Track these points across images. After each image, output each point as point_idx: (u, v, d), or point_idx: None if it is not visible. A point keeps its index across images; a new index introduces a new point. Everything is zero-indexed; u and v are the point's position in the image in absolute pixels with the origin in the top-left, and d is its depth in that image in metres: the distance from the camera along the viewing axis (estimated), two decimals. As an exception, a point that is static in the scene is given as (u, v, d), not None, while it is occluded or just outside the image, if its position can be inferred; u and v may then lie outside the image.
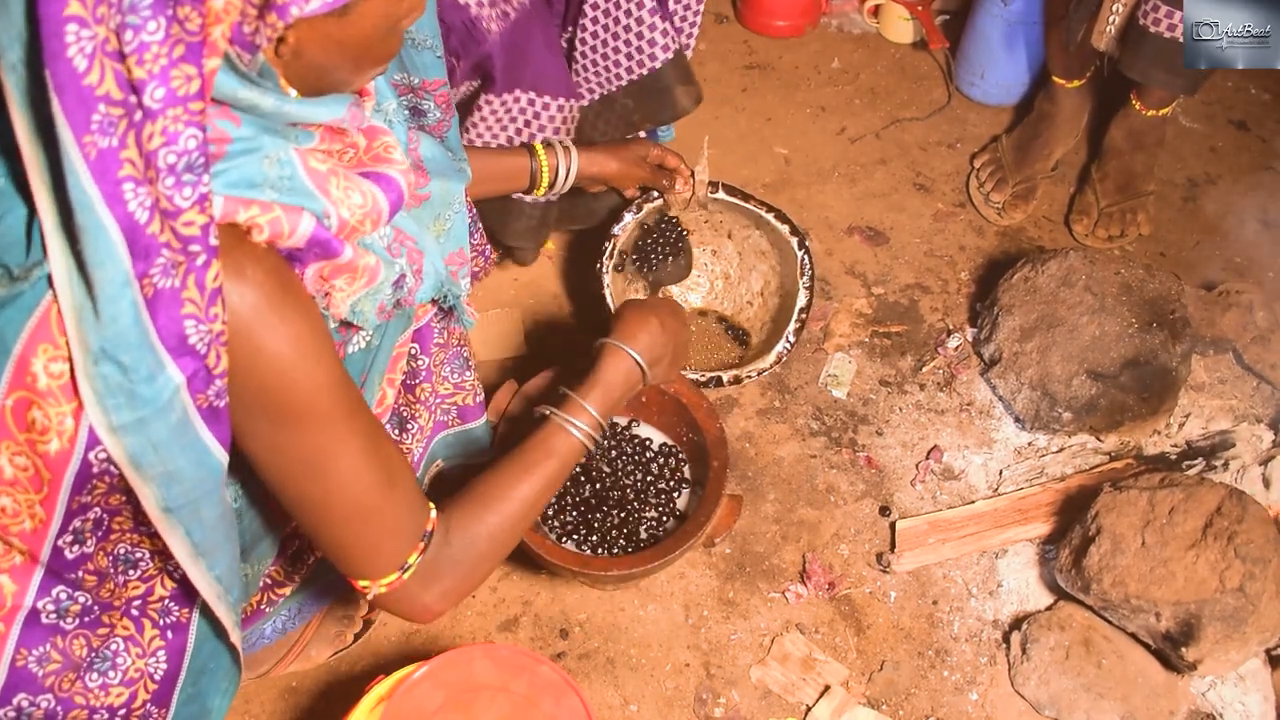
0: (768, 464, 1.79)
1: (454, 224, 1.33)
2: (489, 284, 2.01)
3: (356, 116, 1.03)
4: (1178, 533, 1.51)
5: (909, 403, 1.88)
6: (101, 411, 0.87)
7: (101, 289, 0.82)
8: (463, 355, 1.45)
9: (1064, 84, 2.15)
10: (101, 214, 0.80)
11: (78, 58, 0.77)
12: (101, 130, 0.79)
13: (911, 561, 1.68)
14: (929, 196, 2.23)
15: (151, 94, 0.79)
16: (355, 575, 1.10)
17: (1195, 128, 2.39)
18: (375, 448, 1.04)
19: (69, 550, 0.99)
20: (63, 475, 0.92)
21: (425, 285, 1.21)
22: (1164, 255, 2.14)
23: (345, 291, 1.06)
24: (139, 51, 0.78)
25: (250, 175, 0.93)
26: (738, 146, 2.27)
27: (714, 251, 1.94)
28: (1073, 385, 1.76)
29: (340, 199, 1.01)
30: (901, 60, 2.52)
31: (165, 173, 0.82)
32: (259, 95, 0.90)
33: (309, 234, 0.96)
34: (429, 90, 1.33)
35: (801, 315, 1.79)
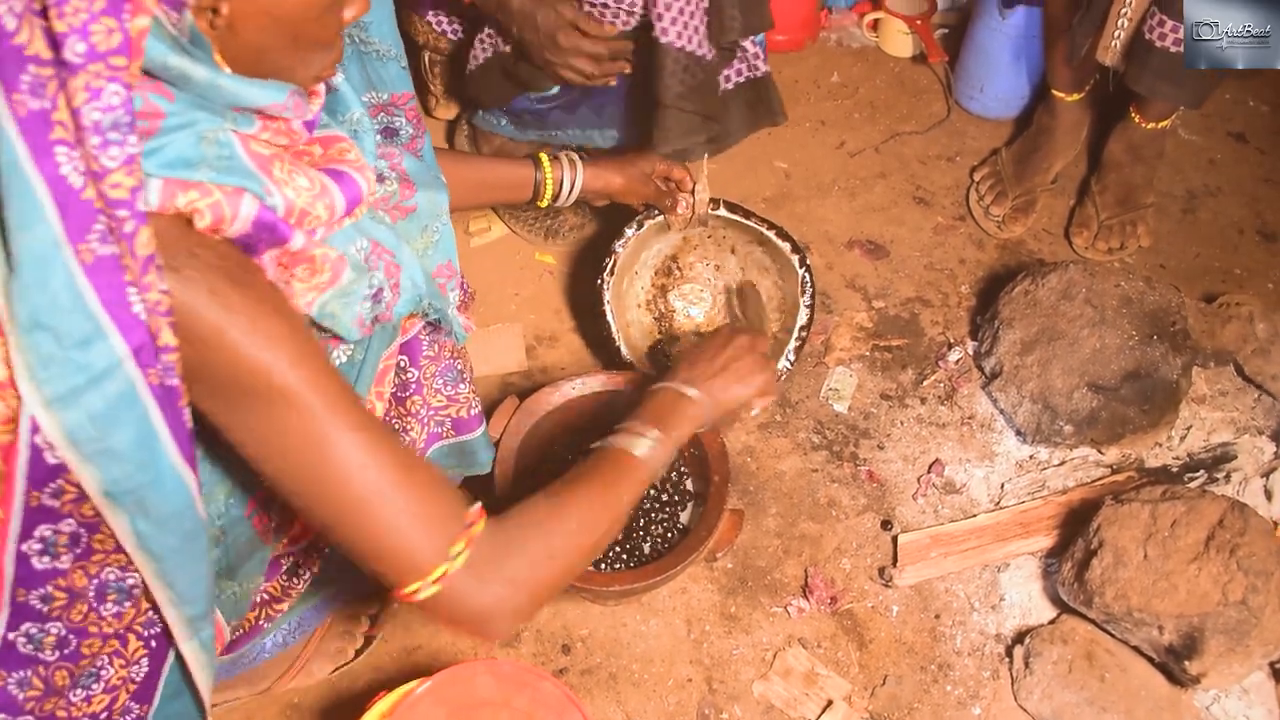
0: (769, 478, 1.79)
1: (441, 236, 1.31)
2: (490, 299, 2.02)
3: (299, 107, 1.01)
4: (1180, 545, 1.51)
5: (910, 416, 1.88)
6: (34, 386, 0.84)
7: (29, 251, 0.81)
8: (455, 368, 1.44)
9: (1063, 97, 2.16)
10: (29, 173, 0.79)
11: (6, 17, 0.76)
12: (32, 91, 0.78)
13: (913, 575, 1.67)
14: (929, 210, 2.23)
15: (72, 48, 0.78)
16: (396, 576, 1.00)
17: (1194, 140, 2.40)
18: (377, 429, 0.99)
19: (37, 560, 0.96)
20: (14, 467, 0.89)
21: (403, 299, 1.18)
22: (1164, 267, 2.14)
23: (306, 284, 1.03)
24: (59, 4, 0.77)
25: (186, 154, 0.90)
26: (738, 160, 2.28)
27: (717, 266, 1.95)
28: (1074, 398, 1.77)
29: (283, 180, 0.98)
30: (901, 74, 2.53)
31: (91, 131, 0.80)
32: (190, 64, 0.88)
33: (253, 216, 0.94)
34: (399, 106, 1.31)
35: (802, 333, 1.79)
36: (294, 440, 0.95)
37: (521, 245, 2.12)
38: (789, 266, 1.81)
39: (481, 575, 1.01)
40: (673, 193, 1.74)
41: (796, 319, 1.80)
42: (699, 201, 1.75)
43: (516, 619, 1.04)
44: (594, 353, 1.96)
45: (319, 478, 0.97)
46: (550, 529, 1.07)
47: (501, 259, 2.09)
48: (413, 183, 1.28)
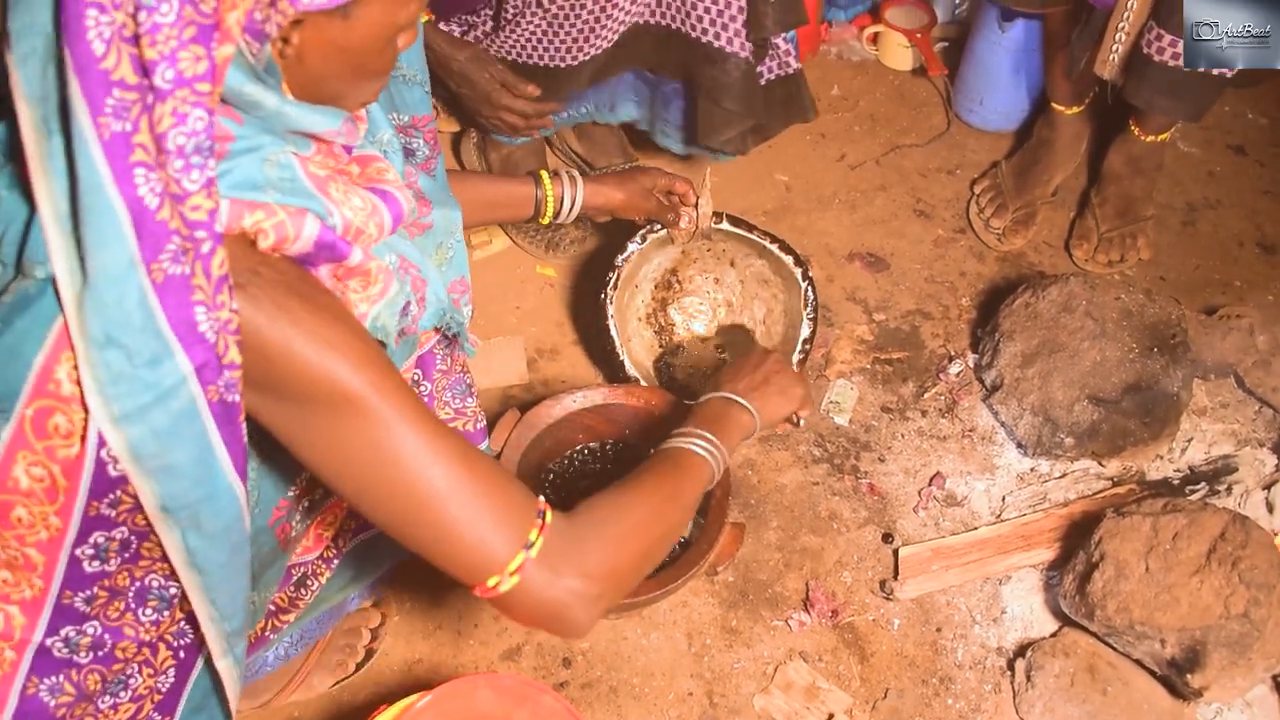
0: (770, 491, 1.79)
1: (455, 252, 1.34)
2: (491, 312, 2.02)
3: (350, 133, 1.04)
4: (1181, 558, 1.51)
5: (911, 429, 1.88)
6: (103, 401, 0.86)
7: (105, 272, 0.82)
8: (465, 382, 1.46)
9: (1063, 110, 2.17)
10: (111, 194, 0.81)
11: (96, 42, 0.78)
12: (115, 114, 0.80)
13: (915, 588, 1.67)
14: (929, 222, 2.24)
15: (162, 75, 0.81)
16: (475, 571, 1.00)
17: (1193, 153, 2.40)
18: (440, 426, 1.00)
19: (87, 564, 0.98)
20: (78, 479, 0.91)
21: (428, 313, 1.21)
22: (1164, 280, 2.15)
23: (360, 295, 1.06)
24: (151, 32, 0.79)
25: (252, 176, 0.93)
26: (739, 174, 2.28)
27: (716, 280, 1.95)
28: (1074, 411, 1.77)
29: (341, 200, 1.01)
30: (901, 87, 2.53)
31: (174, 155, 0.83)
32: (263, 92, 0.91)
33: (315, 236, 0.96)
34: (418, 128, 1.34)
35: (805, 347, 1.79)
36: (362, 446, 0.96)
37: (522, 258, 2.12)
38: (791, 279, 1.82)
39: (556, 566, 1.01)
40: (675, 207, 1.75)
41: (799, 332, 1.80)
42: (702, 215, 1.75)
43: (595, 609, 1.04)
44: (595, 366, 1.97)
45: (389, 480, 0.97)
46: (620, 519, 1.08)
47: (503, 272, 2.10)
48: (429, 200, 1.30)
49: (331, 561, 1.40)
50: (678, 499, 1.17)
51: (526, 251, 2.12)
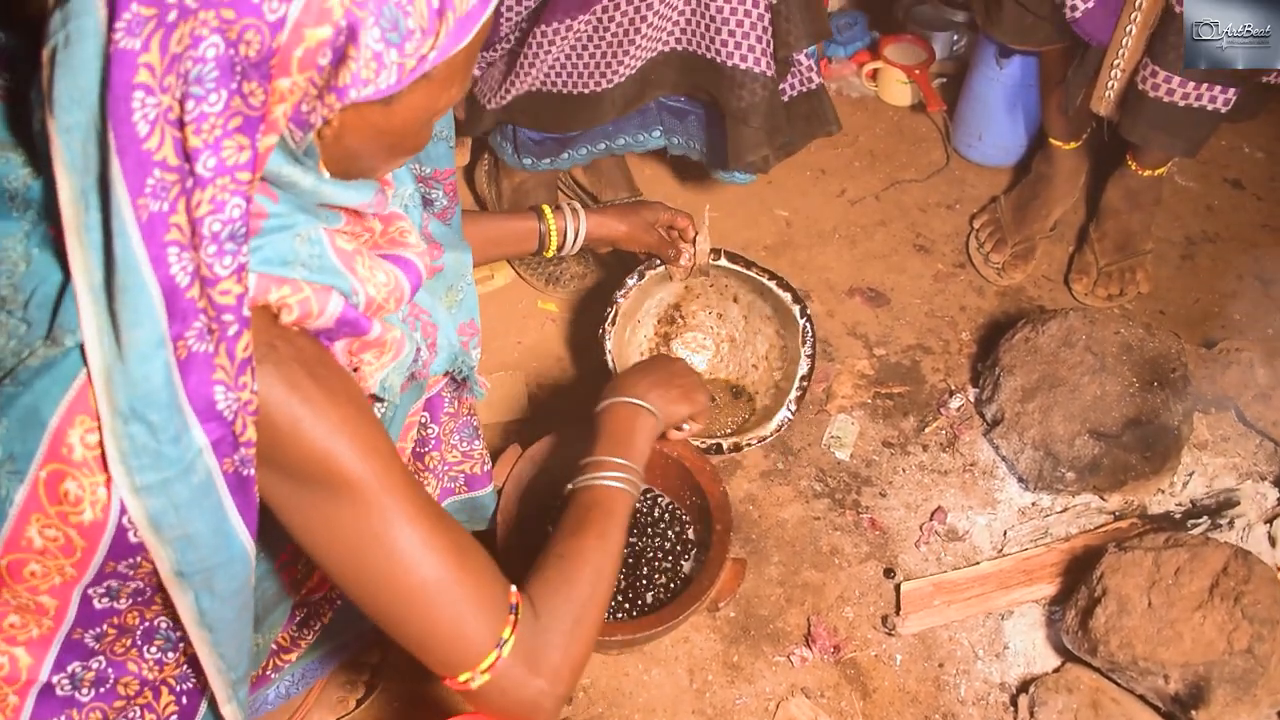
0: (771, 526, 1.79)
1: (465, 295, 1.35)
2: (492, 347, 2.03)
3: (380, 203, 1.05)
4: (1184, 593, 1.50)
5: (912, 464, 1.88)
6: (126, 472, 0.87)
7: (135, 349, 0.83)
8: (472, 424, 1.46)
9: (1061, 145, 2.18)
10: (146, 275, 0.82)
11: (141, 123, 0.79)
12: (154, 194, 0.81)
13: (917, 624, 1.67)
14: (929, 257, 2.25)
15: (204, 163, 0.81)
16: (451, 666, 1.03)
17: (1191, 187, 2.42)
18: (437, 517, 1.02)
19: (98, 600, 0.98)
20: (98, 543, 0.92)
21: (440, 358, 1.22)
22: (1163, 313, 2.15)
23: (374, 365, 1.07)
24: (198, 121, 0.80)
25: (283, 252, 0.94)
26: (739, 209, 2.30)
27: (719, 315, 1.96)
28: (1075, 445, 1.77)
29: (366, 277, 1.02)
30: (900, 123, 2.55)
31: (209, 240, 0.83)
32: (300, 173, 0.92)
33: (338, 313, 0.98)
34: (439, 180, 1.35)
35: (803, 384, 1.80)
36: (356, 532, 0.98)
37: (524, 293, 2.13)
38: (790, 316, 1.82)
39: (529, 660, 1.04)
40: (675, 242, 1.76)
41: (798, 369, 1.80)
42: (700, 251, 1.76)
43: (561, 703, 1.07)
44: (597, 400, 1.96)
45: (376, 569, 0.99)
46: (571, 594, 1.10)
47: (504, 307, 2.11)
48: (440, 244, 1.31)
49: (335, 601, 1.40)
50: (612, 550, 1.17)
51: (528, 283, 2.13)
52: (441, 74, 0.93)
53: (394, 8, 0.85)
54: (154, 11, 0.79)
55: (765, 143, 1.86)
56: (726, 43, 1.76)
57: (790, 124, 1.92)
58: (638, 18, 1.74)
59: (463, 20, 0.91)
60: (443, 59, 0.91)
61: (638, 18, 1.74)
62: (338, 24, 0.84)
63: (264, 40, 0.82)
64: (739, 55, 1.77)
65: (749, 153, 1.86)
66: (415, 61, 0.89)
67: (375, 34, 0.85)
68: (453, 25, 0.90)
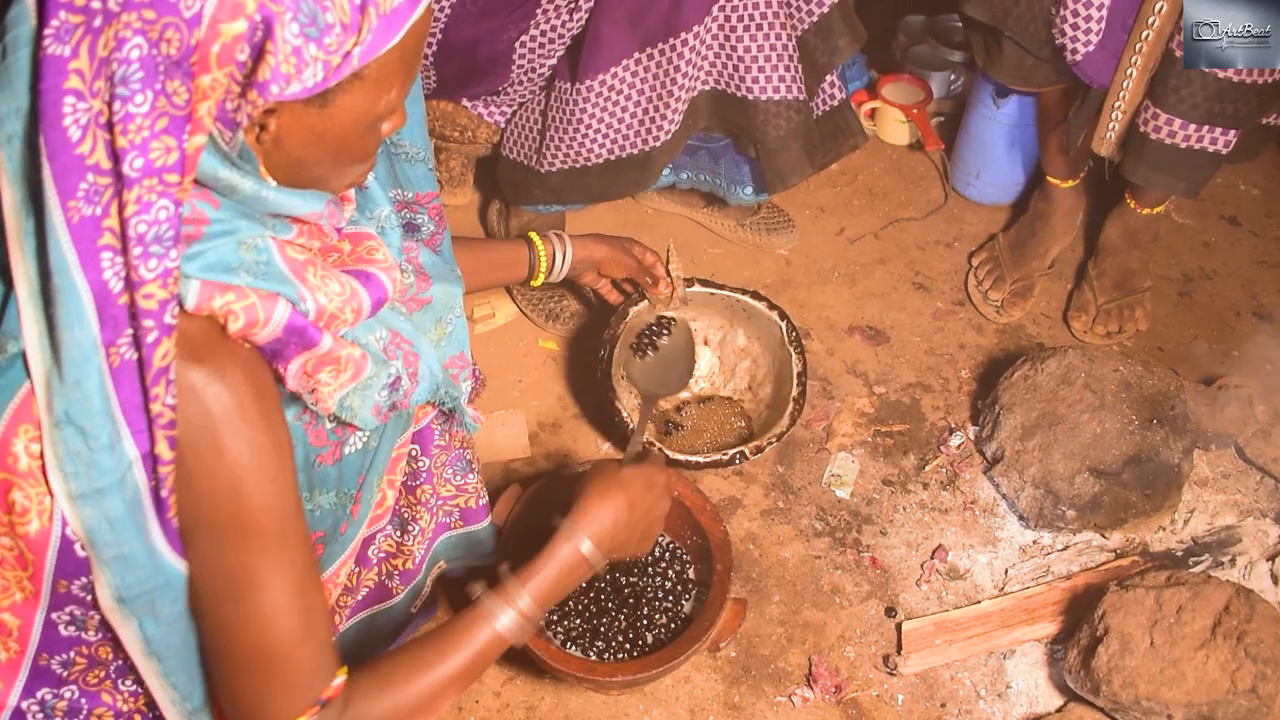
0: (772, 565, 1.79)
1: (455, 328, 1.34)
2: (493, 385, 2.03)
3: (334, 215, 1.05)
4: (1186, 632, 1.50)
5: (913, 502, 1.88)
6: (62, 478, 0.88)
7: (69, 353, 0.84)
8: (465, 458, 1.46)
9: (1059, 184, 2.19)
10: (76, 278, 0.83)
11: (72, 128, 0.81)
12: (87, 198, 0.82)
13: (918, 663, 1.66)
14: (928, 295, 2.26)
15: (130, 163, 0.82)
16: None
17: (1188, 224, 2.43)
18: (306, 588, 1.02)
19: (63, 628, 0.98)
20: (44, 555, 0.92)
21: (421, 388, 1.21)
22: (1162, 350, 2.16)
23: (331, 385, 1.06)
24: (124, 121, 0.82)
25: (226, 258, 0.94)
26: (738, 248, 2.31)
27: (705, 340, 1.97)
28: (1076, 483, 1.77)
29: (317, 285, 1.02)
30: (898, 161, 2.57)
31: (134, 241, 0.84)
32: (238, 177, 0.93)
33: (284, 321, 0.97)
34: (422, 204, 1.36)
35: (801, 380, 1.82)
36: (236, 572, 0.98)
37: (524, 332, 2.14)
38: (766, 327, 1.88)
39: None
40: (653, 268, 1.78)
41: (792, 370, 1.84)
42: (676, 279, 1.82)
43: None
44: (597, 438, 1.97)
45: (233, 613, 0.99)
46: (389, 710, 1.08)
47: (504, 345, 2.11)
48: (429, 276, 1.31)
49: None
50: (463, 680, 1.14)
51: (530, 321, 2.14)
52: (375, 73, 0.93)
53: (312, 2, 0.86)
54: (81, 18, 0.80)
55: (807, 163, 1.91)
56: (757, 79, 1.80)
57: (821, 141, 1.96)
58: (677, 58, 1.77)
59: (388, 18, 0.91)
60: (372, 56, 0.92)
61: (677, 58, 1.77)
62: (252, 18, 0.85)
63: (183, 37, 0.83)
64: (771, 88, 1.81)
65: (792, 176, 1.92)
66: (340, 59, 0.90)
67: (294, 29, 0.86)
68: (375, 22, 0.90)
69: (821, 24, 1.87)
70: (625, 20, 1.75)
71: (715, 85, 1.84)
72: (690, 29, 1.75)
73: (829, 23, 1.87)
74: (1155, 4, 1.77)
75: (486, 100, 1.96)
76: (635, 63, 1.78)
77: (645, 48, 1.77)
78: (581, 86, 1.80)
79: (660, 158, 1.89)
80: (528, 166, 1.96)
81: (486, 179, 2.26)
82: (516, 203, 2.07)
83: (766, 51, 1.77)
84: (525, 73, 1.85)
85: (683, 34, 1.75)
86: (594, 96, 1.81)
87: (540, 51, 1.82)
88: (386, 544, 1.40)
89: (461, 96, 1.96)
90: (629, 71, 1.79)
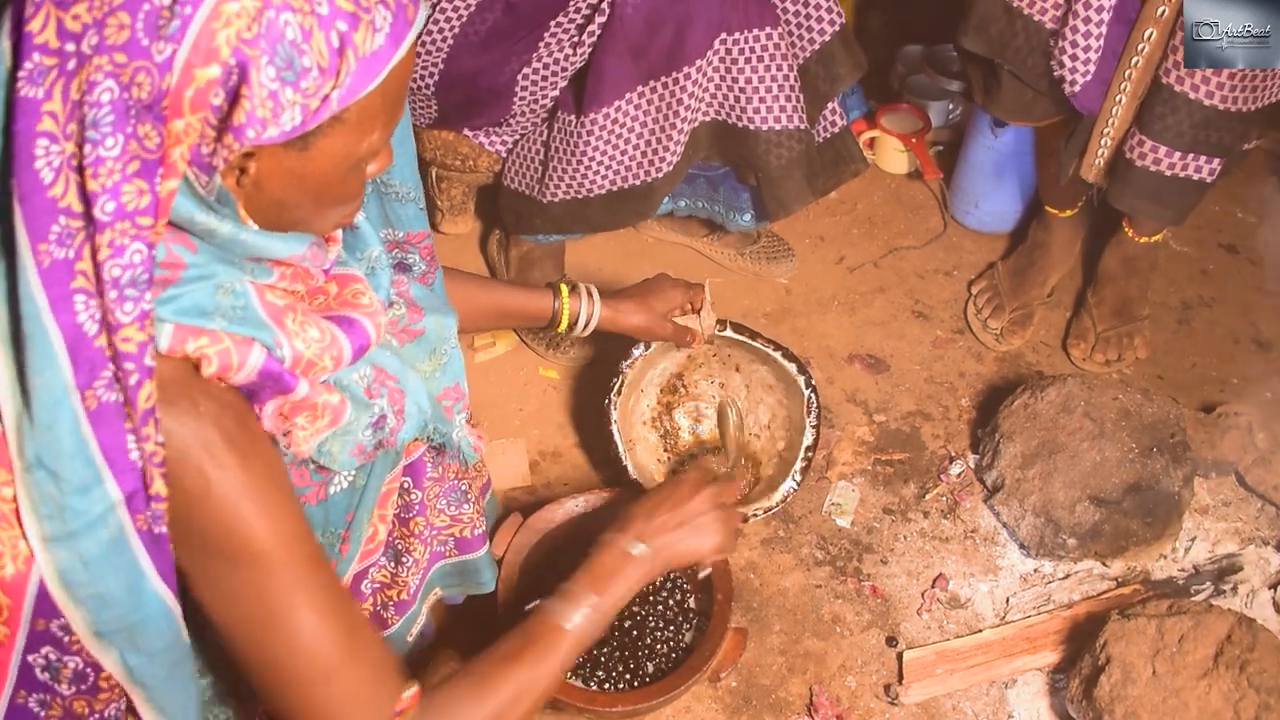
0: (773, 594, 1.78)
1: (450, 359, 1.33)
2: (493, 414, 2.04)
3: (317, 257, 1.04)
4: (1188, 661, 1.49)
5: (913, 530, 1.88)
6: (36, 520, 0.87)
7: (39, 396, 0.84)
8: (460, 489, 1.45)
9: (1057, 213, 2.20)
10: (47, 322, 0.83)
11: (45, 170, 0.81)
12: (59, 241, 0.82)
13: (920, 693, 1.66)
14: (928, 324, 2.26)
15: (102, 207, 0.82)
16: None
17: (1186, 252, 2.44)
18: (338, 605, 1.01)
19: (39, 672, 0.97)
20: (22, 598, 0.92)
21: (408, 425, 1.20)
22: (1161, 378, 2.16)
23: (307, 430, 1.05)
24: (95, 165, 0.81)
25: (201, 303, 0.93)
26: (738, 277, 2.32)
27: (722, 384, 1.97)
28: (1076, 511, 1.77)
29: (295, 331, 1.01)
30: (897, 190, 2.58)
31: (110, 285, 0.84)
32: (216, 221, 0.92)
33: (259, 366, 0.96)
34: (413, 244, 1.34)
35: (808, 454, 1.80)
36: (260, 601, 0.97)
37: (525, 361, 2.15)
38: (795, 387, 1.83)
39: None
40: (690, 331, 1.74)
41: (803, 439, 1.81)
42: (705, 325, 1.76)
43: None
44: (598, 468, 1.97)
45: (270, 642, 0.99)
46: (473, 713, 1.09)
47: (505, 374, 2.12)
48: (421, 308, 1.30)
49: None
50: (540, 682, 1.15)
51: (531, 349, 2.15)
52: (355, 116, 0.92)
53: (289, 46, 0.85)
54: (55, 61, 0.81)
55: (809, 191, 1.92)
56: (759, 109, 1.81)
57: (823, 168, 1.98)
58: (680, 91, 1.78)
59: (367, 60, 0.89)
60: (351, 99, 0.90)
61: (680, 91, 1.78)
62: (226, 63, 0.84)
63: (154, 82, 0.83)
64: (773, 118, 1.81)
65: (794, 204, 1.93)
66: (319, 102, 0.88)
67: (270, 73, 0.85)
68: (354, 65, 0.89)
69: (823, 52, 1.88)
70: (628, 54, 1.76)
71: (716, 116, 1.85)
72: (693, 63, 1.76)
73: (830, 51, 1.88)
74: (1145, 30, 1.78)
75: (488, 130, 1.97)
76: (638, 96, 1.80)
77: (649, 81, 1.79)
78: (585, 119, 1.81)
79: (662, 188, 1.89)
80: (529, 196, 1.97)
81: (487, 207, 2.28)
82: (517, 232, 2.08)
83: (769, 83, 1.79)
84: (527, 105, 1.86)
85: (685, 68, 1.76)
86: (598, 130, 1.82)
87: (543, 84, 1.83)
88: (380, 575, 1.39)
89: (463, 127, 1.97)
90: (632, 105, 1.80)
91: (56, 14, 0.81)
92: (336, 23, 0.87)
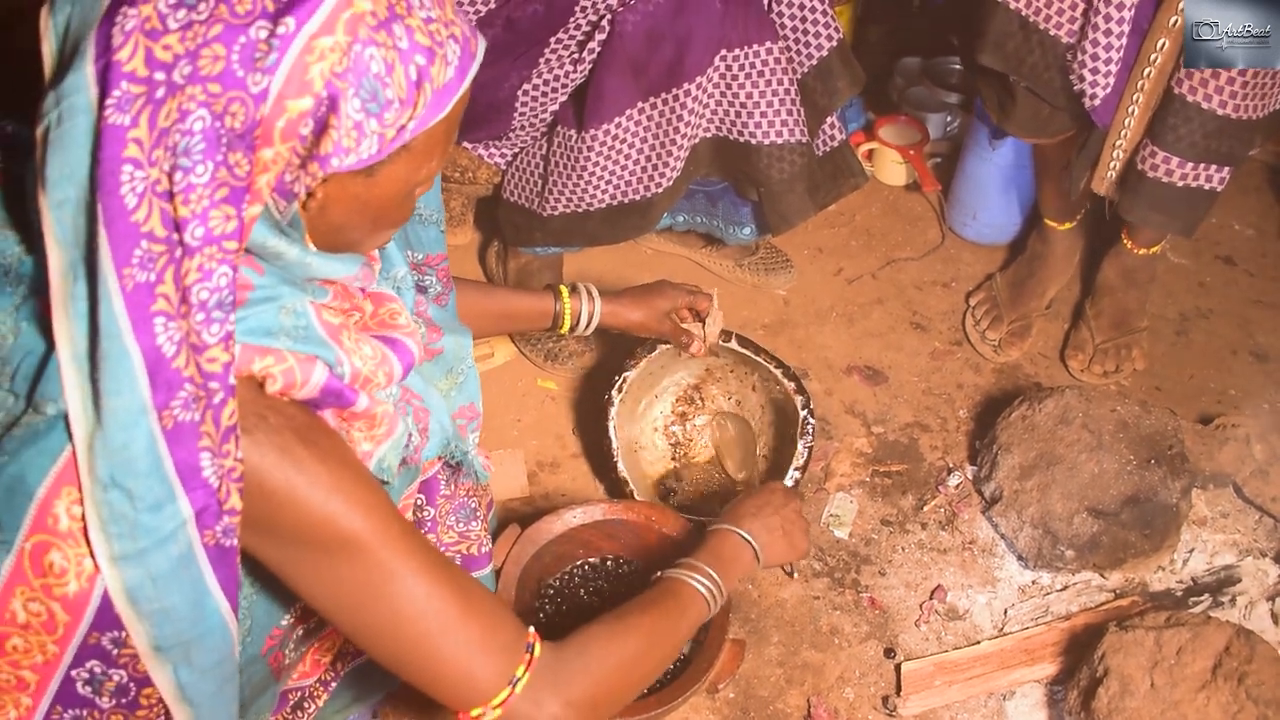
0: (770, 606, 1.78)
1: (466, 378, 1.37)
2: (492, 425, 2.04)
3: (366, 277, 1.08)
4: (1187, 674, 1.49)
5: (911, 542, 1.88)
6: (105, 539, 0.88)
7: (115, 417, 0.85)
8: (469, 506, 1.46)
9: (1056, 226, 2.20)
10: (128, 343, 0.84)
11: (129, 195, 0.82)
12: (142, 265, 0.83)
13: (918, 705, 1.65)
14: (926, 335, 2.27)
15: (192, 232, 0.84)
16: (460, 703, 1.05)
17: (1184, 264, 2.45)
18: (440, 566, 1.04)
19: (80, 686, 0.98)
20: (82, 615, 0.92)
21: (432, 443, 1.23)
22: (1159, 390, 2.16)
23: (364, 435, 1.08)
24: (185, 192, 0.83)
25: (268, 323, 0.96)
26: (737, 288, 2.32)
27: (738, 401, 1.97)
28: (1074, 523, 1.77)
29: (352, 349, 1.04)
30: (895, 202, 2.59)
31: (197, 308, 0.86)
32: (286, 245, 0.95)
33: (322, 383, 0.99)
34: (432, 265, 1.37)
35: (795, 474, 1.78)
36: (360, 588, 1.00)
37: (523, 372, 2.15)
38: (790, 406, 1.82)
39: (539, 699, 1.06)
40: (687, 332, 1.75)
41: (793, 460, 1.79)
42: (710, 334, 1.76)
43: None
44: (596, 479, 1.98)
45: (385, 620, 1.02)
46: (607, 652, 1.13)
47: (504, 385, 2.12)
48: (439, 327, 1.33)
49: (330, 684, 1.40)
50: (669, 635, 1.20)
51: (529, 361, 2.15)
52: (421, 145, 0.96)
53: (373, 79, 0.89)
54: (143, 89, 0.82)
55: (810, 204, 1.94)
56: (760, 124, 1.82)
57: (823, 181, 1.99)
58: (680, 107, 1.79)
59: (440, 92, 0.94)
60: (422, 129, 0.94)
61: (680, 107, 1.79)
62: (319, 95, 0.87)
63: (248, 112, 0.85)
64: (774, 133, 1.82)
65: (796, 217, 1.94)
66: (395, 132, 0.92)
67: (355, 104, 0.89)
68: (430, 97, 0.93)
69: (821, 67, 1.89)
70: (629, 70, 1.77)
71: (717, 132, 1.86)
72: (693, 79, 1.77)
73: (828, 65, 1.89)
74: (1158, 40, 1.77)
75: (488, 143, 1.98)
76: (639, 112, 1.80)
77: (649, 97, 1.79)
78: (586, 135, 1.81)
79: (661, 203, 1.90)
80: (529, 210, 1.98)
81: (486, 219, 2.28)
82: (516, 244, 2.08)
83: (769, 97, 1.79)
84: (527, 119, 1.87)
85: (686, 84, 1.77)
86: (598, 145, 1.82)
87: (543, 100, 1.84)
88: None
89: (463, 139, 1.98)
90: (633, 121, 1.81)
91: (146, 44, 0.83)
92: (415, 57, 0.91)
